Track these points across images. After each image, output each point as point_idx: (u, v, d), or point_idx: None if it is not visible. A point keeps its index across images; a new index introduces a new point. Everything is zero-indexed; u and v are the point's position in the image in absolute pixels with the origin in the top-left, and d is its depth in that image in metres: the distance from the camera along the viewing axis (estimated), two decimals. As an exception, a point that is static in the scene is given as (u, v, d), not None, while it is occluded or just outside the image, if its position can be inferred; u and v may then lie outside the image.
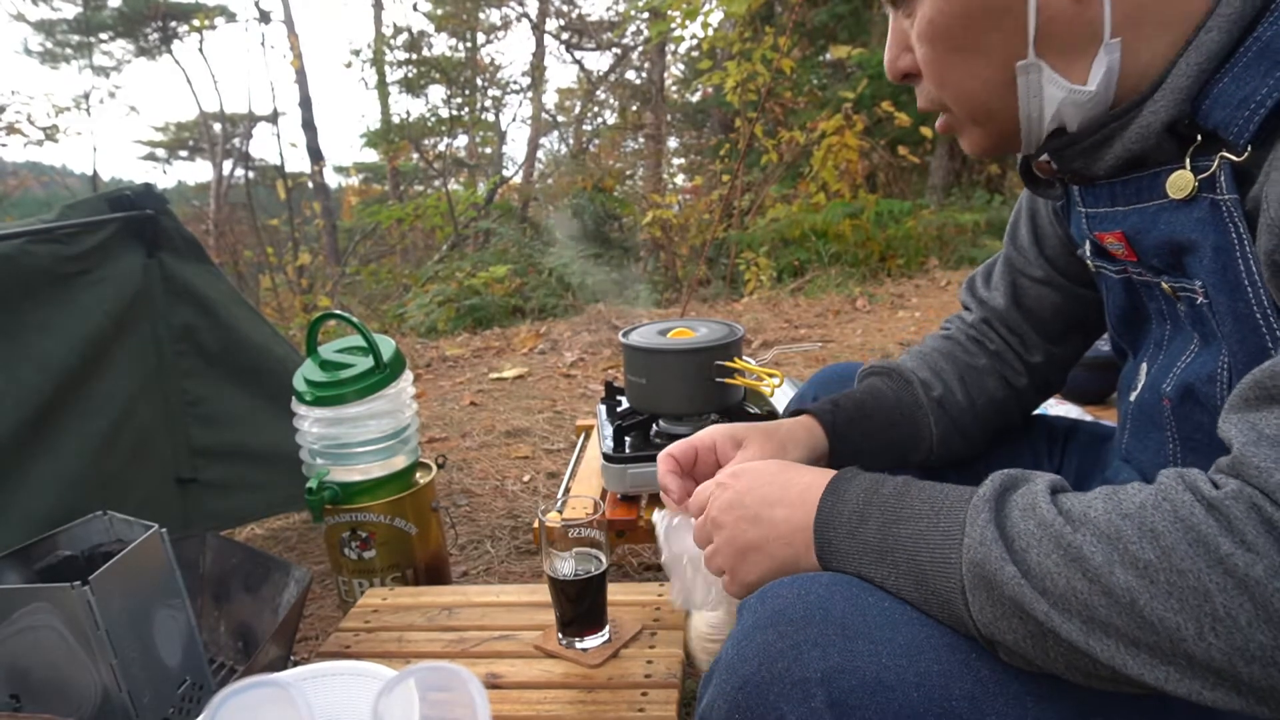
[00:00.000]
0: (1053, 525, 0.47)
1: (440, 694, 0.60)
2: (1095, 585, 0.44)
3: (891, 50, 0.68)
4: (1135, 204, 0.64)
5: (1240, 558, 0.41)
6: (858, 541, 0.57)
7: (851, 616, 0.53)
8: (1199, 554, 0.42)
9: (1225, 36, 0.54)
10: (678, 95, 10.73)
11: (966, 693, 0.50)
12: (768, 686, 0.51)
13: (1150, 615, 0.43)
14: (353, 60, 11.38)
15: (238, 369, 1.82)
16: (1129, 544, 0.44)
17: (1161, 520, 0.44)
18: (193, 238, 1.77)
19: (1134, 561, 0.43)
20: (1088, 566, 0.45)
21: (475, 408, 3.02)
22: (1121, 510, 0.46)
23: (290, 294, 7.38)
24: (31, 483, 1.38)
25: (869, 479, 0.61)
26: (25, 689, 0.96)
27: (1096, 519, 0.46)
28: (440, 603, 1.20)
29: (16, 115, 8.95)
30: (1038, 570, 0.47)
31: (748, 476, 0.67)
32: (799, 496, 0.62)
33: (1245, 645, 0.40)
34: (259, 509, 1.91)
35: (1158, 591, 0.42)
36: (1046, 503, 0.49)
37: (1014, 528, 0.49)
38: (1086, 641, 0.45)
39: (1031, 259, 0.88)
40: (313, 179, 9.78)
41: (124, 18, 10.04)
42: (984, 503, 0.51)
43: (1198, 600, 0.41)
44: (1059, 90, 0.61)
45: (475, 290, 5.94)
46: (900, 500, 0.57)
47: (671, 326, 1.47)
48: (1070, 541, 0.46)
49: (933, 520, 0.54)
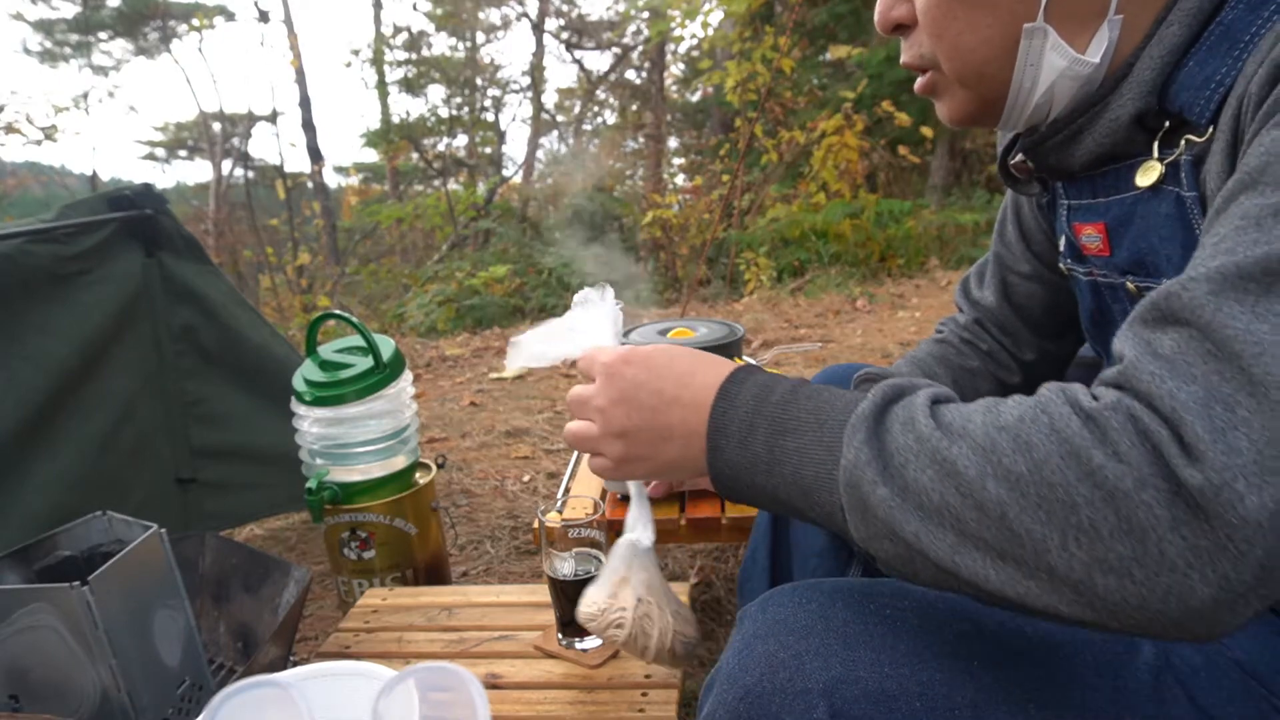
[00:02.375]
0: (929, 439, 0.46)
1: (440, 694, 0.60)
2: (968, 500, 0.44)
3: None
4: (1114, 195, 0.64)
5: (1111, 469, 0.40)
6: (748, 453, 0.55)
7: (853, 625, 0.53)
8: (1070, 466, 0.41)
9: (1185, 30, 0.55)
10: (678, 95, 10.74)
11: (969, 700, 0.50)
12: (770, 697, 0.50)
13: (1018, 527, 0.42)
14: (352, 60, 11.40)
15: (237, 369, 1.81)
16: (1003, 456, 0.43)
17: (1037, 433, 0.43)
18: (192, 238, 1.77)
19: (1006, 474, 0.43)
20: (961, 481, 0.44)
21: (475, 408, 3.02)
22: (999, 423, 0.45)
23: (290, 294, 7.38)
24: (31, 483, 1.38)
25: (760, 383, 0.58)
26: (25, 689, 0.96)
27: (974, 432, 0.45)
28: (440, 603, 1.20)
29: (16, 115, 8.96)
30: (914, 485, 0.46)
31: (640, 366, 0.63)
32: (694, 398, 0.59)
33: (1105, 556, 0.40)
34: (259, 509, 1.91)
35: (1027, 504, 0.42)
36: (925, 416, 0.48)
37: (893, 442, 0.48)
38: (953, 559, 0.45)
39: (1019, 255, 0.88)
40: (312, 179, 9.78)
41: (123, 17, 10.04)
42: (862, 420, 0.50)
43: (1065, 512, 0.41)
44: (1061, 59, 0.60)
45: (475, 290, 5.94)
46: (786, 410, 0.55)
47: (671, 326, 1.47)
48: (946, 455, 0.45)
49: (816, 434, 0.52)
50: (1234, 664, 0.57)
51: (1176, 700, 0.54)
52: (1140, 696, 0.53)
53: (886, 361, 3.12)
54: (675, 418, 0.60)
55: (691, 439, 0.59)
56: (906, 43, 0.67)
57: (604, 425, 0.63)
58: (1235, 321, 0.40)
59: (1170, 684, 0.55)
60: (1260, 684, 0.56)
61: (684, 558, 1.74)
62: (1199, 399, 0.40)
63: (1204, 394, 0.40)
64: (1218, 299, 0.41)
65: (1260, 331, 0.40)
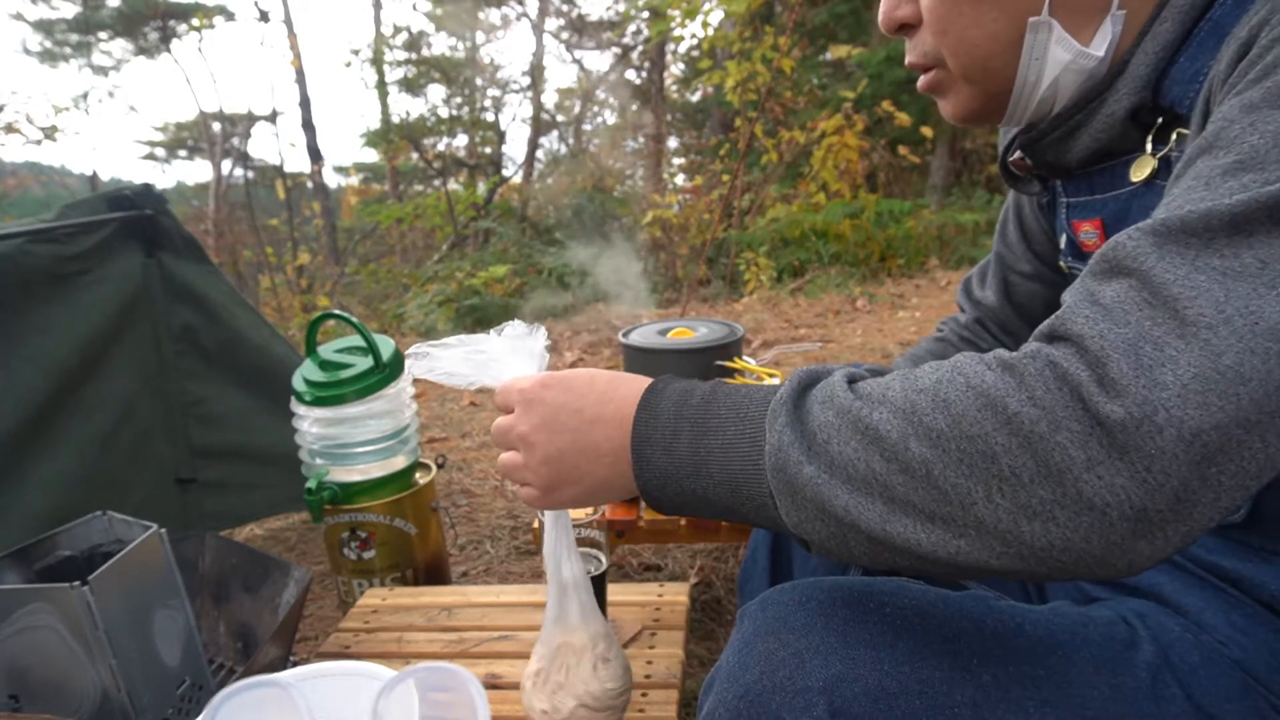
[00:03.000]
0: (850, 410, 0.47)
1: (440, 694, 0.60)
2: (893, 463, 0.45)
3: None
4: (1110, 191, 0.65)
5: (1026, 414, 0.41)
6: (674, 458, 0.55)
7: (853, 624, 0.52)
8: (987, 416, 0.42)
9: (1178, 26, 0.56)
10: (678, 95, 10.74)
11: (969, 699, 0.50)
12: (770, 695, 0.50)
13: (944, 484, 0.43)
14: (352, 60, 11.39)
15: (237, 369, 1.81)
16: (923, 416, 0.44)
17: (954, 390, 0.44)
18: (192, 237, 1.77)
19: (928, 432, 0.44)
20: (884, 445, 0.45)
21: (475, 408, 3.02)
22: (917, 386, 0.46)
23: (290, 294, 7.37)
24: (31, 483, 1.38)
25: (679, 390, 0.58)
26: (25, 689, 0.96)
27: (893, 397, 0.46)
28: (440, 603, 1.20)
29: (16, 115, 8.96)
30: (839, 458, 0.47)
31: (559, 389, 0.62)
32: (616, 413, 0.59)
33: (1028, 502, 0.41)
34: (259, 509, 1.91)
35: (950, 459, 0.43)
36: (844, 390, 0.49)
37: (814, 421, 0.49)
38: (884, 528, 0.45)
39: (1019, 254, 0.89)
40: (312, 179, 9.77)
41: (123, 17, 10.04)
42: (781, 405, 0.50)
43: (986, 463, 0.42)
44: (1065, 52, 0.60)
45: (475, 290, 5.94)
46: (707, 409, 0.55)
47: (671, 326, 1.47)
48: (868, 423, 0.46)
49: (738, 427, 0.53)
50: (1232, 663, 0.57)
51: (1174, 699, 0.54)
52: (1138, 695, 0.53)
53: (887, 361, 3.12)
54: (599, 435, 0.59)
55: (618, 455, 0.59)
56: (911, 42, 0.67)
57: (528, 453, 0.62)
58: (1175, 270, 0.41)
59: (1168, 682, 0.55)
60: (1258, 682, 0.57)
61: (684, 558, 1.74)
62: (1128, 339, 0.41)
63: (1134, 335, 0.41)
64: (1160, 250, 0.42)
65: (1198, 280, 0.41)
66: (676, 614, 1.10)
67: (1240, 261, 0.41)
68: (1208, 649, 0.58)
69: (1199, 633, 0.59)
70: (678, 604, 1.13)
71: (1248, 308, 0.39)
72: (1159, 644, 0.57)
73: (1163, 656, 0.56)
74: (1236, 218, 0.42)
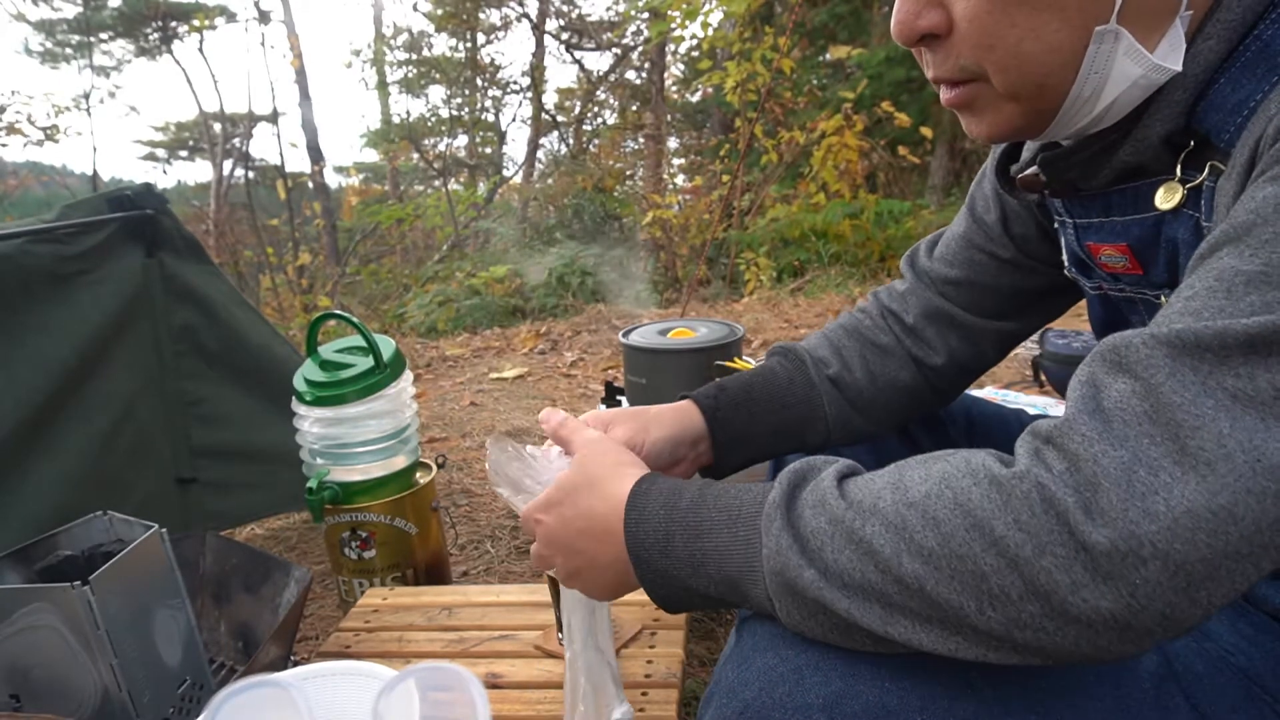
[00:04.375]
0: (843, 520, 0.48)
1: (440, 694, 0.60)
2: (887, 576, 0.46)
3: (912, 5, 0.55)
4: (1133, 214, 0.60)
5: (1012, 538, 0.42)
6: (671, 560, 0.57)
7: None
8: (975, 538, 0.44)
9: (1222, 45, 0.51)
10: (678, 95, 10.73)
11: (970, 714, 0.49)
12: (769, 712, 0.50)
13: (937, 598, 0.45)
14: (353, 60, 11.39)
15: (238, 369, 1.81)
16: (914, 533, 0.45)
17: (942, 508, 0.45)
18: (192, 238, 1.77)
19: (919, 550, 0.45)
20: (878, 559, 0.46)
21: (475, 408, 3.02)
22: (907, 499, 0.47)
23: (290, 294, 7.37)
24: (31, 483, 1.38)
25: (663, 493, 0.59)
26: (25, 689, 0.96)
27: (885, 510, 0.47)
28: (440, 603, 1.20)
29: (16, 115, 8.94)
30: (834, 567, 0.48)
31: (557, 509, 0.65)
32: (602, 527, 0.61)
33: (1018, 617, 0.43)
34: (259, 509, 1.91)
35: (941, 576, 0.44)
36: (835, 496, 0.50)
37: (806, 527, 0.50)
38: (885, 628, 0.47)
39: (995, 236, 0.81)
40: (313, 179, 9.77)
41: (124, 17, 10.03)
42: (775, 510, 0.51)
43: (975, 581, 0.43)
44: (1136, 67, 0.52)
45: (475, 290, 5.94)
46: (697, 513, 0.56)
47: (671, 326, 1.47)
48: (861, 536, 0.47)
49: (732, 531, 0.54)
50: (1238, 671, 0.57)
51: (1179, 708, 0.54)
52: (1142, 705, 0.53)
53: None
54: (597, 549, 0.62)
55: (618, 563, 0.60)
56: (938, 55, 0.57)
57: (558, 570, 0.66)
58: (1184, 391, 0.41)
59: (1173, 692, 0.54)
60: (1264, 691, 0.56)
61: (684, 558, 1.73)
62: (1122, 464, 0.41)
63: (1129, 458, 0.41)
64: (1173, 363, 0.42)
65: (1204, 406, 0.40)
66: (677, 614, 1.10)
67: (1254, 385, 0.40)
68: (1213, 658, 0.57)
69: (1204, 641, 0.59)
70: (678, 604, 1.13)
71: (1251, 442, 0.39)
72: (1163, 653, 0.56)
73: (1166, 666, 0.56)
74: (1254, 339, 0.40)
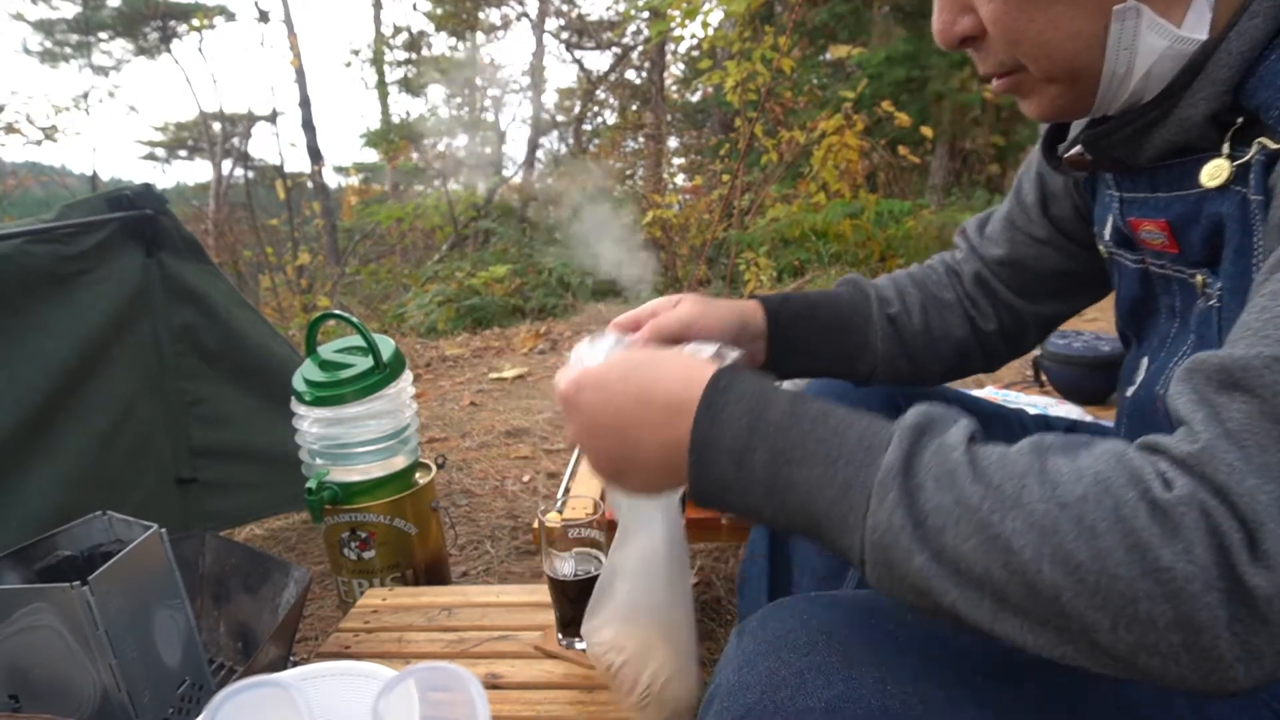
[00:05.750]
0: (977, 508, 0.43)
1: (440, 694, 0.60)
2: (1016, 577, 0.42)
3: (946, 14, 0.60)
4: (1177, 191, 0.61)
5: (1180, 570, 0.39)
6: (745, 474, 0.51)
7: (855, 642, 0.52)
8: (1135, 560, 0.40)
9: (1271, 23, 0.51)
10: (678, 95, 10.73)
11: (973, 718, 0.49)
12: (770, 716, 0.49)
13: (1070, 610, 0.41)
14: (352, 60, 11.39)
15: (238, 369, 1.82)
16: (1064, 540, 0.41)
17: (1102, 519, 0.41)
18: (192, 237, 1.78)
19: (1066, 559, 0.41)
20: (1012, 559, 0.42)
21: (475, 408, 3.02)
22: (1060, 499, 0.42)
23: (290, 294, 7.36)
24: (31, 483, 1.38)
25: (751, 395, 0.53)
26: (25, 689, 0.96)
27: (1031, 506, 0.42)
28: (440, 603, 1.20)
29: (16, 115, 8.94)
30: (952, 554, 0.43)
31: (592, 390, 0.59)
32: (663, 416, 0.55)
33: (1155, 644, 0.40)
34: (259, 509, 1.91)
35: (1083, 590, 0.41)
36: (967, 473, 0.44)
37: (927, 502, 0.44)
38: (991, 625, 0.44)
39: (1034, 218, 0.85)
40: (312, 179, 9.76)
41: (123, 17, 10.03)
42: (891, 477, 0.46)
43: (1122, 603, 0.40)
44: (1160, 39, 0.54)
45: (475, 290, 5.94)
46: (789, 433, 0.50)
47: (671, 326, 1.46)
48: (997, 531, 0.42)
49: (828, 471, 0.48)
50: None
51: (1180, 709, 0.54)
52: (1144, 707, 0.53)
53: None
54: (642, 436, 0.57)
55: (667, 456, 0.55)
56: (980, 54, 0.62)
57: (587, 455, 0.62)
58: None
59: (1174, 695, 0.54)
60: (1264, 690, 0.56)
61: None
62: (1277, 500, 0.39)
63: None
64: None
65: None
66: (676, 614, 1.10)
67: None
68: None
69: None
70: (678, 604, 1.13)
71: None
72: None
73: None
74: None
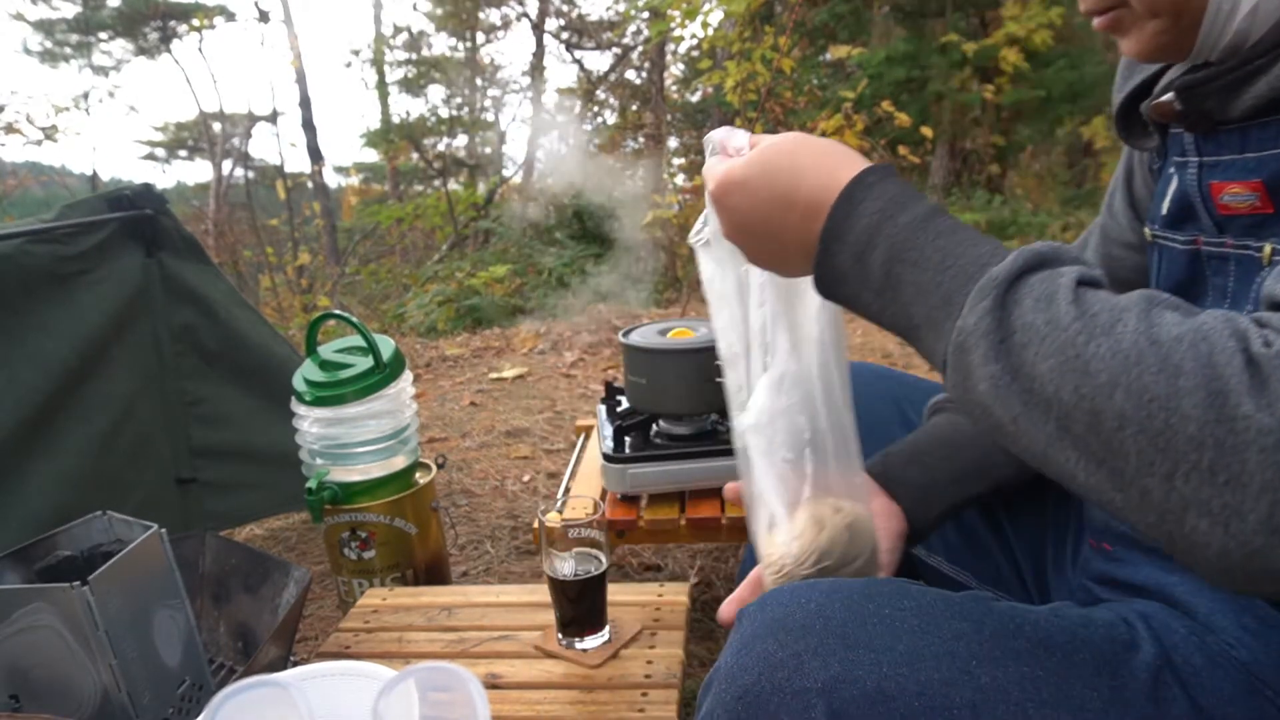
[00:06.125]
0: (1067, 329, 0.43)
1: (440, 694, 0.60)
2: (1085, 402, 0.41)
3: None
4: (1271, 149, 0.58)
5: (1258, 422, 0.37)
6: (862, 266, 0.53)
7: (851, 625, 0.52)
8: (1212, 405, 0.38)
9: None
10: (678, 95, 10.73)
11: (967, 701, 0.50)
12: (768, 697, 0.50)
13: (1129, 445, 0.40)
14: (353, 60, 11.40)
15: (238, 369, 1.82)
16: (1145, 372, 0.40)
17: (1191, 360, 0.39)
18: (192, 237, 1.78)
19: (1141, 391, 0.39)
20: (1086, 380, 0.41)
21: (475, 408, 3.02)
22: (1153, 335, 0.41)
23: (290, 294, 7.36)
24: (31, 483, 1.38)
25: (886, 197, 0.54)
26: (25, 689, 0.96)
27: (1122, 335, 0.41)
28: (440, 603, 1.20)
29: (16, 115, 8.94)
30: (1026, 368, 0.43)
31: (740, 193, 0.61)
32: (802, 220, 0.57)
33: (1209, 500, 0.38)
34: (259, 509, 1.91)
35: (1150, 426, 0.39)
36: (1068, 298, 0.44)
37: (1020, 318, 0.45)
38: (1045, 450, 0.44)
39: (1125, 225, 0.82)
40: (313, 179, 9.77)
41: (123, 17, 10.03)
42: (993, 284, 0.46)
43: (1187, 448, 0.38)
44: None
45: (475, 290, 5.94)
46: (912, 238, 0.52)
47: (671, 326, 1.47)
48: (1080, 351, 0.42)
49: (936, 276, 0.50)
50: (1240, 665, 0.57)
51: (1175, 699, 0.54)
52: (1138, 696, 0.53)
53: (888, 362, 3.12)
54: (789, 239, 0.58)
55: (810, 252, 0.57)
56: None
57: (740, 248, 0.65)
58: None
59: (1169, 683, 0.55)
60: (1266, 685, 0.56)
61: (684, 558, 1.74)
62: None
63: None
64: None
65: None
66: (676, 614, 1.10)
67: None
68: (1214, 651, 0.57)
69: (1206, 634, 0.59)
70: (678, 604, 1.13)
71: None
72: (1161, 645, 0.57)
73: (1164, 658, 0.56)
74: None
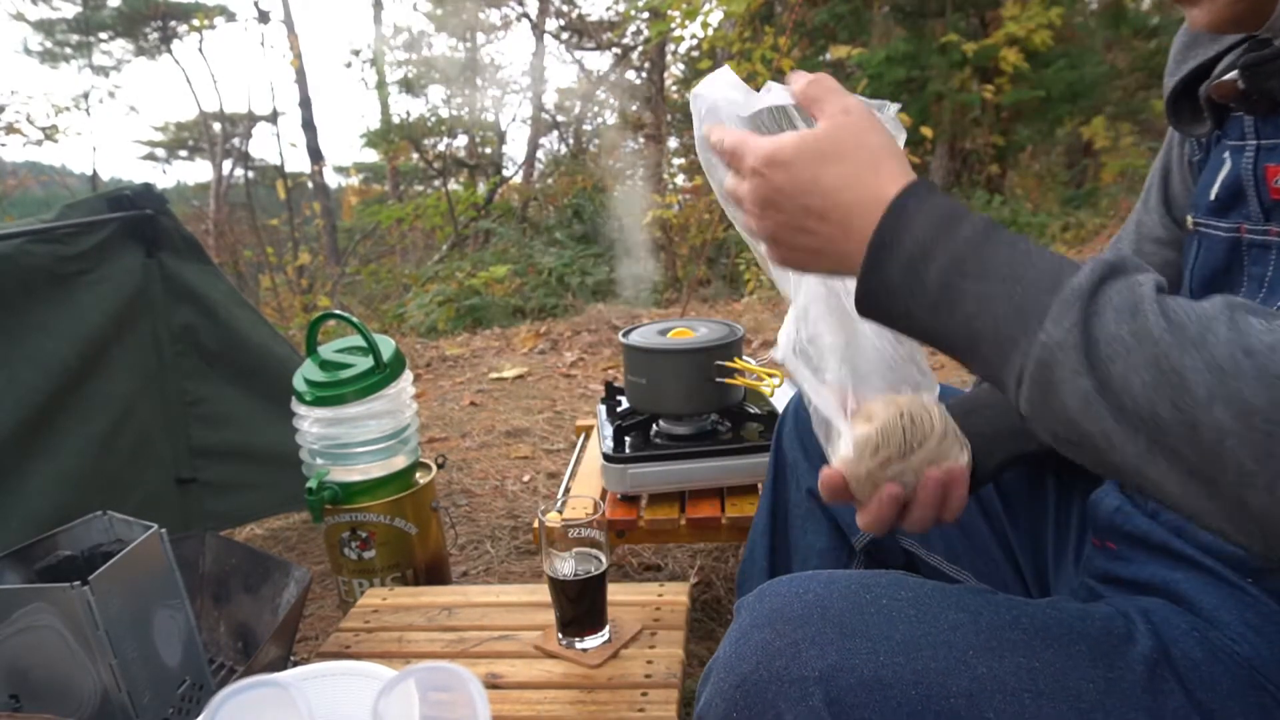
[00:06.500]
0: (1158, 341, 0.42)
1: (440, 694, 0.60)
2: (1182, 416, 0.40)
3: None
4: None
5: None
6: (914, 278, 0.50)
7: (849, 614, 0.53)
8: None
9: None
10: (678, 95, 10.73)
11: (964, 690, 0.51)
12: (766, 685, 0.51)
13: (1229, 458, 0.39)
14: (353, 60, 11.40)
15: (238, 369, 1.82)
16: (1243, 382, 0.39)
17: None
18: (192, 237, 1.78)
19: (1240, 404, 0.39)
20: (1183, 396, 0.40)
21: (475, 408, 3.02)
22: (1246, 346, 0.40)
23: (290, 294, 7.37)
24: (31, 483, 1.38)
25: (947, 206, 0.51)
26: (25, 689, 0.96)
27: (1215, 346, 0.41)
28: (440, 603, 1.20)
29: (16, 115, 8.94)
30: (1118, 384, 0.42)
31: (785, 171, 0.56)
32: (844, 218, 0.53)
33: None
34: (259, 509, 1.91)
35: (1251, 439, 0.39)
36: (1154, 308, 0.43)
37: (1104, 330, 0.43)
38: (1138, 464, 0.42)
39: (1157, 219, 0.82)
40: (313, 179, 9.77)
41: (124, 17, 10.03)
42: (1075, 296, 0.44)
43: None
44: None
45: (475, 290, 5.94)
46: (977, 249, 0.49)
47: (671, 326, 1.47)
48: (1174, 365, 0.41)
49: (1007, 288, 0.47)
50: (1238, 659, 0.57)
51: (1172, 693, 0.54)
52: (1134, 688, 0.54)
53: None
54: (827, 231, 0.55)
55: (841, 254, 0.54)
56: None
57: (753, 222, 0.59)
58: None
59: (1165, 676, 0.55)
60: (1268, 680, 0.56)
61: (684, 558, 1.74)
62: None
63: None
64: None
65: None
66: (676, 614, 1.10)
67: None
68: (1214, 646, 0.57)
69: (1208, 630, 0.59)
70: (678, 604, 1.13)
71: None
72: (1159, 639, 0.57)
73: (1162, 651, 0.56)
74: None
